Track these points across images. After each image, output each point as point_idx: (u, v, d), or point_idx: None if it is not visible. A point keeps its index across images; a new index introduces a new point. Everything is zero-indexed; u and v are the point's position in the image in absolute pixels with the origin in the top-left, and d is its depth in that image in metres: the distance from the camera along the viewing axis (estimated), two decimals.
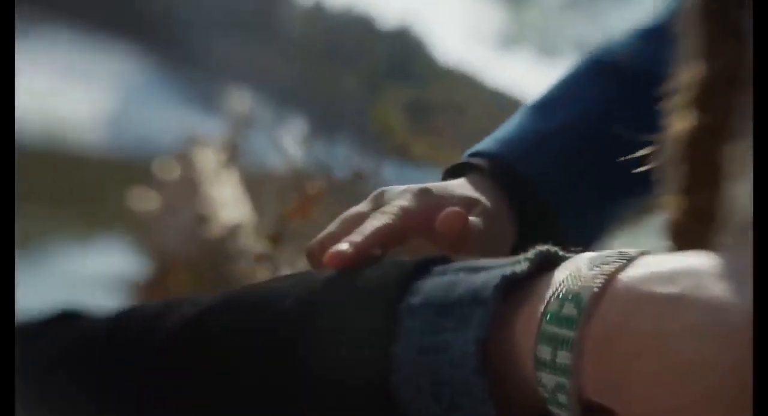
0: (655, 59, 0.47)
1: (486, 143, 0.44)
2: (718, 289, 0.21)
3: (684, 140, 0.27)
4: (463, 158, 0.43)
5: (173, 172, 1.75)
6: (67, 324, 0.35)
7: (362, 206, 0.39)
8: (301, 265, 1.67)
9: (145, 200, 1.71)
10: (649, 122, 0.44)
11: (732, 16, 0.26)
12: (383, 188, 0.39)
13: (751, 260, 0.21)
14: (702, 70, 0.26)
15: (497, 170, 0.41)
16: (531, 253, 0.27)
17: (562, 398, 0.24)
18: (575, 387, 0.23)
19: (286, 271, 1.61)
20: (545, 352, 0.24)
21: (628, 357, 0.22)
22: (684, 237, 0.27)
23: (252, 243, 1.62)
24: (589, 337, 0.23)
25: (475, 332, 0.25)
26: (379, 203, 0.38)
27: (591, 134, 0.45)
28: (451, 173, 0.43)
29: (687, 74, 0.27)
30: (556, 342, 0.24)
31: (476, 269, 0.27)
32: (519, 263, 0.27)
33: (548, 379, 0.24)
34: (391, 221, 0.36)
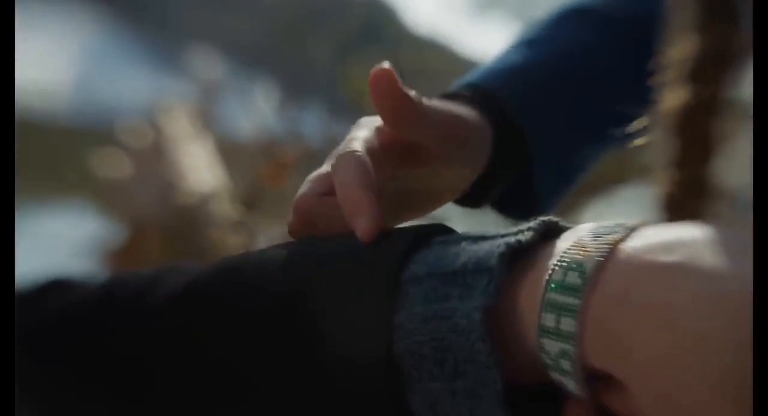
0: (635, 8, 0.47)
1: (467, 76, 0.45)
2: (716, 258, 0.22)
3: (676, 115, 0.27)
4: (447, 90, 0.44)
5: (142, 137, 1.72)
6: (57, 292, 0.35)
7: (324, 168, 0.37)
8: (276, 231, 1.65)
9: (111, 166, 1.68)
10: (627, 68, 0.44)
11: None
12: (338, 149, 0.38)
13: (746, 232, 0.22)
14: (694, 46, 0.27)
15: (477, 96, 0.42)
16: (534, 222, 0.27)
17: (565, 364, 0.24)
18: (578, 354, 0.24)
19: (260, 236, 1.60)
20: (549, 320, 0.24)
21: (630, 325, 0.23)
22: (676, 210, 0.28)
23: (226, 209, 1.61)
24: (592, 305, 0.24)
25: (481, 299, 0.25)
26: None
27: (567, 73, 0.46)
28: None
29: (679, 49, 0.27)
30: (560, 310, 0.24)
31: (479, 239, 0.28)
32: (523, 233, 0.27)
33: (552, 346, 0.24)
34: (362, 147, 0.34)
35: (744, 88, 0.27)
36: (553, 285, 0.25)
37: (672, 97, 0.28)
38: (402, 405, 0.27)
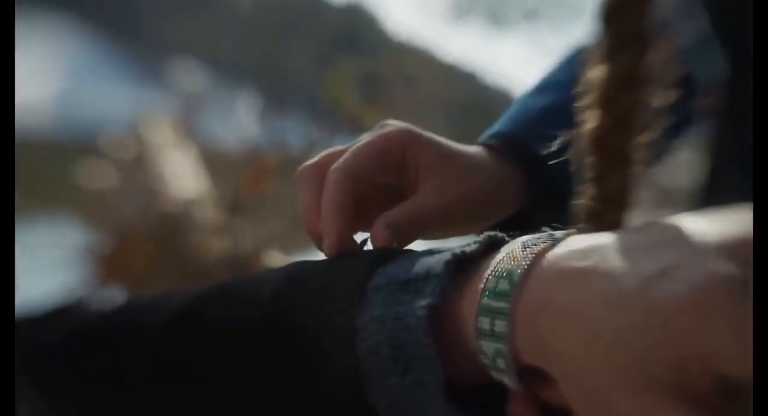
0: None
1: (495, 125, 0.47)
2: (618, 260, 0.24)
3: (592, 136, 0.29)
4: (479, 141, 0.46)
5: (126, 148, 1.75)
6: (60, 317, 0.37)
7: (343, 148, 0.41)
8: (260, 235, 1.68)
9: (97, 177, 1.70)
10: None
11: (631, 22, 0.28)
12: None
13: (653, 233, 0.25)
14: (604, 72, 0.29)
15: (503, 145, 0.44)
16: (481, 237, 0.31)
17: (501, 363, 0.27)
18: (511, 352, 0.26)
19: (244, 241, 1.63)
20: (485, 323, 0.27)
21: (551, 324, 0.25)
22: (596, 221, 0.30)
23: (210, 215, 1.63)
24: (520, 308, 0.26)
25: (426, 300, 0.28)
26: None
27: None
28: None
29: (593, 75, 0.29)
30: (494, 314, 0.27)
31: (434, 252, 0.31)
32: (469, 246, 0.30)
33: (488, 347, 0.27)
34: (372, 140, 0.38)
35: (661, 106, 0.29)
36: (487, 292, 0.27)
37: (589, 118, 0.30)
38: (364, 400, 0.29)
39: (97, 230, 1.66)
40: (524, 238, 0.28)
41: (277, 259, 1.74)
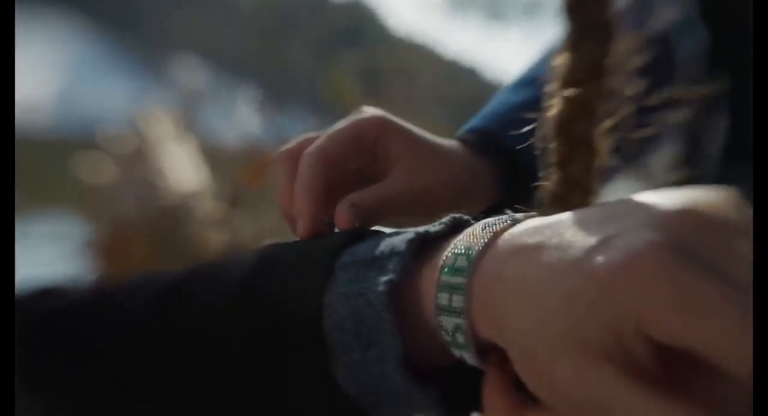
0: None
1: (471, 122, 0.48)
2: (569, 233, 0.24)
3: (556, 122, 0.30)
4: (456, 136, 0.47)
5: (126, 143, 1.76)
6: (44, 299, 0.37)
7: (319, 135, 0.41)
8: (258, 228, 1.69)
9: (97, 171, 1.71)
10: None
11: (592, 12, 0.29)
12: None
13: (604, 209, 0.25)
14: (568, 61, 0.29)
15: (478, 139, 0.45)
16: (446, 218, 0.31)
17: (460, 338, 0.27)
18: (469, 326, 0.27)
19: (243, 234, 1.64)
20: (443, 298, 0.27)
21: (504, 297, 0.25)
22: (560, 205, 0.30)
23: (209, 208, 1.64)
24: (476, 283, 0.26)
25: (388, 276, 0.29)
26: None
27: None
28: None
29: (558, 63, 0.30)
30: (452, 289, 0.27)
31: (400, 233, 0.32)
32: (434, 226, 0.31)
33: (447, 322, 0.27)
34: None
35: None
36: (446, 269, 0.28)
37: (554, 104, 0.30)
38: (329, 375, 0.30)
39: (96, 224, 1.67)
40: (486, 219, 0.29)
41: None
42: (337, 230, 0.37)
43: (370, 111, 0.40)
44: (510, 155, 0.43)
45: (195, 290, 0.34)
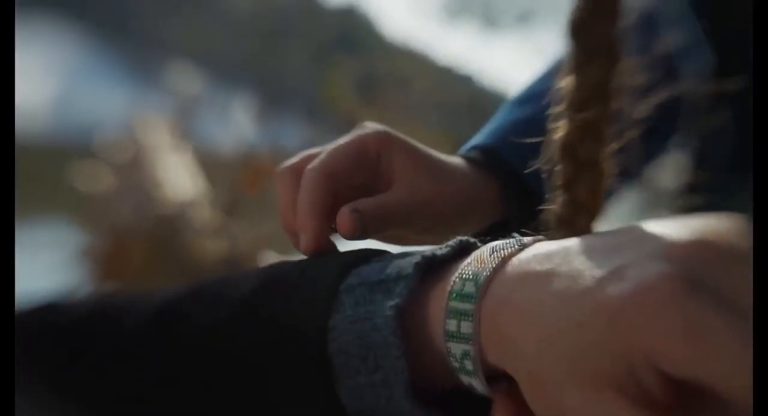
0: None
1: (474, 139, 0.48)
2: (578, 261, 0.24)
3: (561, 144, 0.30)
4: (459, 153, 0.47)
5: (123, 151, 1.75)
6: (45, 314, 0.37)
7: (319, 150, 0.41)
8: (255, 235, 1.68)
9: (93, 180, 1.71)
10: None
11: (600, 35, 0.29)
12: None
13: (612, 237, 0.25)
14: (573, 84, 0.30)
15: (481, 157, 0.45)
16: (452, 241, 0.31)
17: (468, 364, 0.27)
18: (477, 352, 0.27)
19: (240, 242, 1.63)
20: (452, 325, 0.27)
21: (512, 323, 0.25)
22: (566, 227, 0.31)
23: (206, 216, 1.64)
24: (484, 309, 0.27)
25: (396, 300, 0.29)
26: None
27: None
28: None
29: (563, 86, 0.30)
30: (461, 315, 0.27)
31: (407, 255, 0.32)
32: (441, 249, 0.31)
33: (456, 348, 0.27)
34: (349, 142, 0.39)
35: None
36: (454, 295, 0.28)
37: (560, 127, 0.30)
38: (334, 398, 0.30)
39: (93, 232, 1.66)
40: (493, 243, 0.29)
41: (272, 259, 1.74)
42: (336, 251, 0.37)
43: (372, 126, 0.40)
44: (514, 172, 0.43)
45: (196, 309, 0.34)
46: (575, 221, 0.30)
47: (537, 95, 0.50)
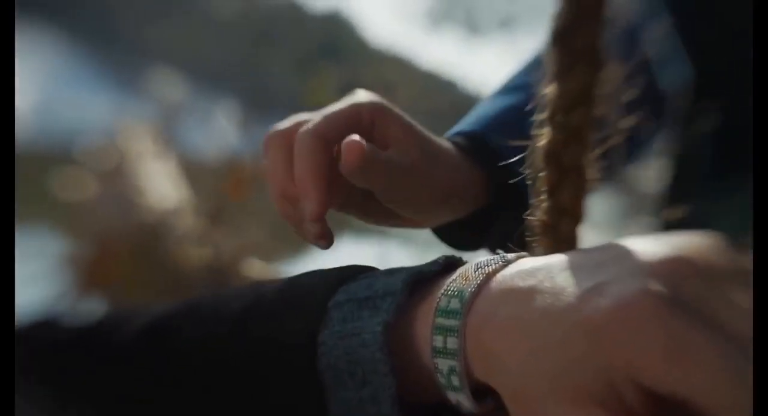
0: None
1: (458, 126, 0.48)
2: (561, 278, 0.25)
3: (545, 151, 0.30)
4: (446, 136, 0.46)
5: (105, 158, 1.74)
6: (37, 332, 0.38)
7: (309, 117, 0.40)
8: (240, 243, 1.68)
9: (75, 187, 1.70)
10: None
11: (583, 41, 0.29)
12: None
13: (595, 254, 0.26)
14: (556, 90, 0.30)
15: (469, 144, 0.45)
16: (439, 258, 0.32)
17: (455, 380, 0.27)
18: (463, 368, 0.27)
19: (224, 250, 1.63)
20: (438, 341, 0.28)
21: (496, 339, 0.26)
22: (550, 234, 0.31)
23: (190, 224, 1.63)
24: (470, 325, 0.27)
25: (383, 316, 0.29)
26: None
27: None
28: None
29: (546, 93, 0.30)
30: (447, 332, 0.27)
31: (394, 271, 0.32)
32: (427, 265, 0.32)
33: (443, 364, 0.28)
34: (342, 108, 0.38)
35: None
36: (440, 311, 0.28)
37: (543, 133, 0.30)
38: (323, 412, 0.30)
39: (77, 240, 1.65)
40: (479, 259, 0.29)
41: (256, 267, 1.74)
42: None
43: (366, 94, 0.39)
44: (499, 159, 0.43)
45: (187, 325, 0.34)
46: (559, 227, 0.31)
47: (521, 86, 0.50)
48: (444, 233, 0.48)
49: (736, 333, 0.21)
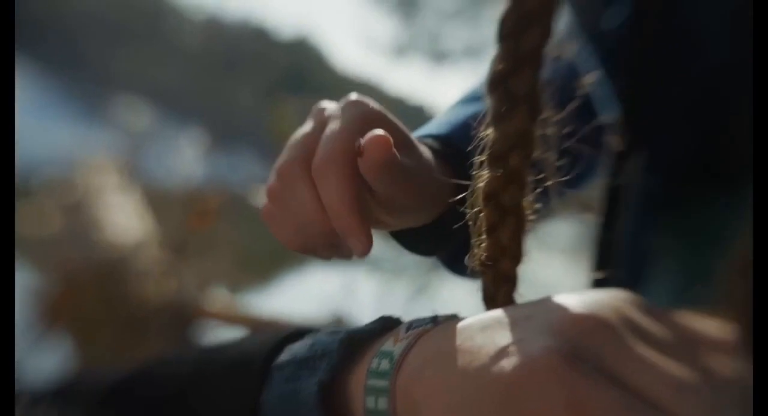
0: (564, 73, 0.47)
1: (425, 128, 0.47)
2: (479, 338, 0.26)
3: (484, 191, 0.31)
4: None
5: (67, 191, 1.73)
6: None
7: (307, 127, 0.38)
8: (205, 274, 1.68)
9: (37, 221, 1.68)
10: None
11: (519, 87, 0.29)
12: (320, 105, 0.39)
13: (510, 313, 0.26)
14: (495, 134, 0.31)
15: (438, 147, 0.44)
16: (376, 319, 0.33)
17: None
18: None
19: (189, 282, 1.62)
20: (370, 401, 0.29)
21: (422, 399, 0.27)
22: (490, 271, 0.32)
23: (154, 256, 1.62)
24: (399, 383, 0.28)
25: (319, 376, 0.30)
26: (322, 120, 0.38)
27: None
28: None
29: (485, 136, 0.31)
30: (377, 392, 0.28)
31: (335, 332, 0.33)
32: (365, 326, 0.33)
33: None
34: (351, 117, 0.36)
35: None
36: (371, 372, 0.29)
37: (483, 175, 0.31)
38: None
39: (40, 274, 1.63)
40: (411, 320, 0.31)
41: (221, 298, 1.73)
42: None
43: (364, 103, 0.38)
44: (467, 162, 0.43)
45: (144, 389, 0.36)
46: (499, 265, 0.31)
47: (477, 95, 0.50)
48: (401, 236, 0.48)
49: (637, 384, 0.22)
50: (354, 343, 0.31)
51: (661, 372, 0.22)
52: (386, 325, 0.32)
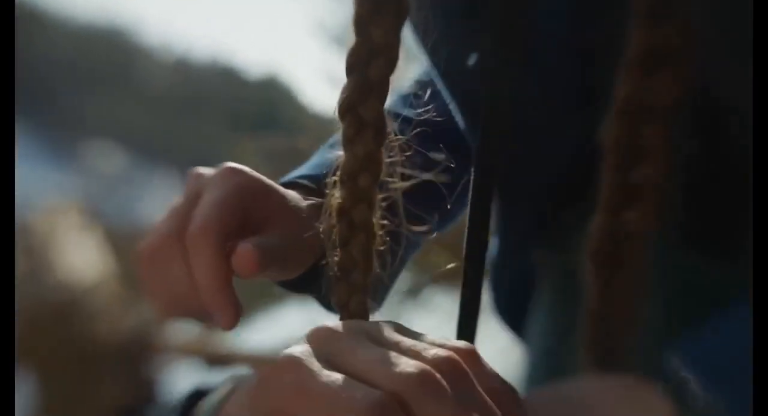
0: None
1: (299, 171, 0.46)
2: (242, 395, 0.28)
3: (336, 209, 0.33)
4: (289, 179, 0.45)
5: (27, 237, 1.74)
6: None
7: (183, 196, 0.38)
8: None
9: None
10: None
11: (366, 114, 0.32)
12: (196, 172, 0.39)
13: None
14: (345, 156, 0.33)
15: (310, 189, 0.43)
16: (192, 388, 0.34)
17: None
18: None
19: (151, 315, 1.61)
20: None
21: None
22: (341, 283, 0.34)
23: (113, 296, 1.64)
24: None
25: None
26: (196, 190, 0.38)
27: None
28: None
29: (337, 158, 0.33)
30: None
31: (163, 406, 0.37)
32: (182, 397, 0.34)
33: None
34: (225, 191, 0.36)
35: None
36: None
37: (335, 193, 0.33)
38: None
39: None
40: (216, 388, 0.33)
41: (184, 333, 1.73)
42: None
43: (240, 170, 0.38)
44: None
45: None
46: (351, 277, 0.34)
47: None
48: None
49: (354, 372, 0.25)
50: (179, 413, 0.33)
51: (377, 360, 0.25)
52: (199, 395, 0.33)
